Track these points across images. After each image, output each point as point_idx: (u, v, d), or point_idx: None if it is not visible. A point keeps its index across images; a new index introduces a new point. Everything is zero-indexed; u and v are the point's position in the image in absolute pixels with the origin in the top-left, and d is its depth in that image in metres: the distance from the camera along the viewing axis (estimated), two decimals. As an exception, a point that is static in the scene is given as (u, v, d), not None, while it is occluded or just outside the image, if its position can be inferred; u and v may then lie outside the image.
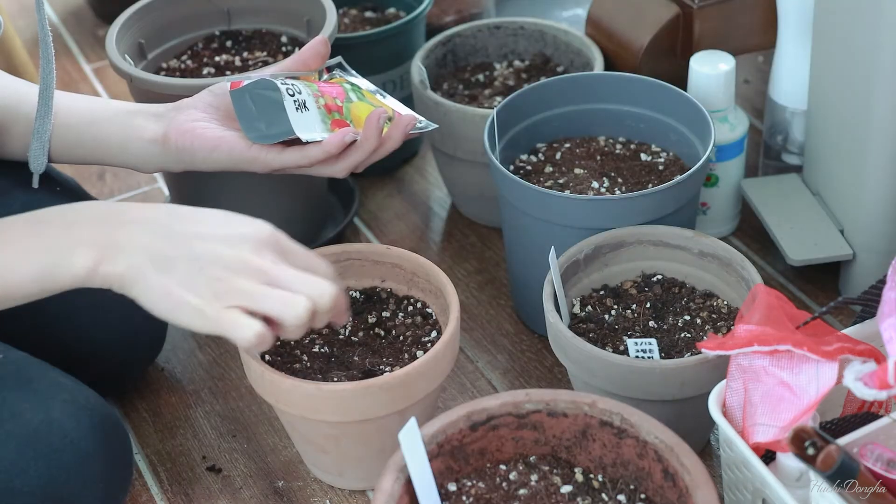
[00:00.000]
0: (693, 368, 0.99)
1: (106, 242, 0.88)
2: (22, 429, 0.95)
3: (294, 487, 1.13)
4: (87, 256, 0.88)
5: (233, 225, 0.91)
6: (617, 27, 1.36)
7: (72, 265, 0.88)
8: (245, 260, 0.88)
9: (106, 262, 0.88)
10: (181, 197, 1.35)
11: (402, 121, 1.08)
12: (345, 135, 1.04)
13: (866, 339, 0.93)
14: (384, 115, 1.06)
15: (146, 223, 0.89)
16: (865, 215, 1.19)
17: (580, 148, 1.27)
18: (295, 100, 1.05)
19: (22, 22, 1.87)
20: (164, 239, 0.88)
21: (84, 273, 0.88)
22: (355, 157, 1.06)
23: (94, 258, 0.88)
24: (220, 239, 0.89)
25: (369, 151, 1.06)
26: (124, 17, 1.31)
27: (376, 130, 1.05)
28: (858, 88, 1.13)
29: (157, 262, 0.87)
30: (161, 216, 0.90)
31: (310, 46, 1.11)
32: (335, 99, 1.09)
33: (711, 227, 1.33)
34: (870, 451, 0.85)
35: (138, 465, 1.16)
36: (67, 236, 0.89)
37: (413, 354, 1.08)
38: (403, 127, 1.07)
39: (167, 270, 0.87)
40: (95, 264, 0.88)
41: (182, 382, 1.24)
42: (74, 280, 0.89)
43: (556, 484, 0.90)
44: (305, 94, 1.07)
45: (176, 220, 0.90)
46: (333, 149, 1.04)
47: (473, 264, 1.36)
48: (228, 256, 0.88)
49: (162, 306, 0.88)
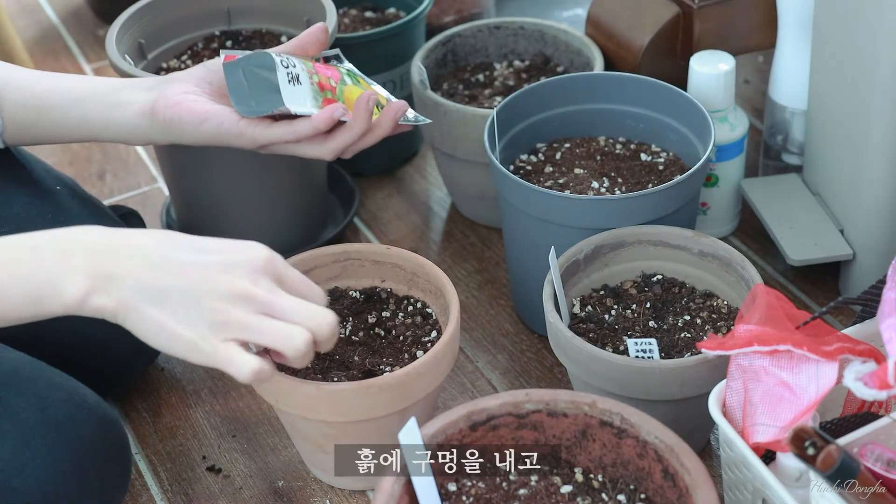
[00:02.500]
0: (693, 368, 0.99)
1: (98, 272, 0.86)
2: (19, 429, 0.95)
3: (294, 487, 1.13)
4: (78, 286, 0.86)
5: (228, 252, 0.88)
6: (617, 27, 1.36)
7: (63, 294, 0.86)
8: (241, 289, 0.86)
9: (97, 294, 0.86)
10: (181, 197, 1.35)
11: (393, 107, 1.07)
12: (334, 111, 1.03)
13: (866, 339, 0.93)
14: (373, 98, 1.05)
15: (140, 252, 0.87)
16: (865, 215, 1.19)
17: (580, 148, 1.27)
18: (288, 72, 1.04)
19: (22, 22, 1.88)
20: (157, 269, 0.86)
21: (74, 303, 0.86)
22: (344, 139, 1.05)
23: (86, 288, 0.86)
24: (216, 267, 0.87)
25: (358, 133, 1.04)
26: (124, 17, 1.31)
27: (366, 112, 1.04)
28: (858, 88, 1.13)
29: (150, 295, 0.85)
30: (155, 245, 0.88)
31: (309, 32, 1.11)
32: (329, 79, 1.08)
33: (711, 227, 1.33)
34: (870, 451, 0.85)
35: (138, 465, 1.16)
36: (59, 264, 0.86)
37: (413, 354, 1.08)
38: (394, 113, 1.06)
39: (161, 303, 0.85)
40: (86, 294, 0.86)
41: (182, 382, 1.24)
42: (65, 309, 0.86)
43: (556, 484, 0.90)
44: (300, 68, 1.06)
45: (171, 248, 0.88)
46: (322, 124, 1.03)
47: (473, 264, 1.36)
48: (224, 286, 0.86)
49: (156, 340, 0.86)
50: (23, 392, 0.98)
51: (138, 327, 0.86)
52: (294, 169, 1.31)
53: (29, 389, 0.98)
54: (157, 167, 1.54)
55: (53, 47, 1.82)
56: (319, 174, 1.36)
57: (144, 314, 0.85)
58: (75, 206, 1.13)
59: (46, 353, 1.07)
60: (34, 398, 0.97)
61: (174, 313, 0.85)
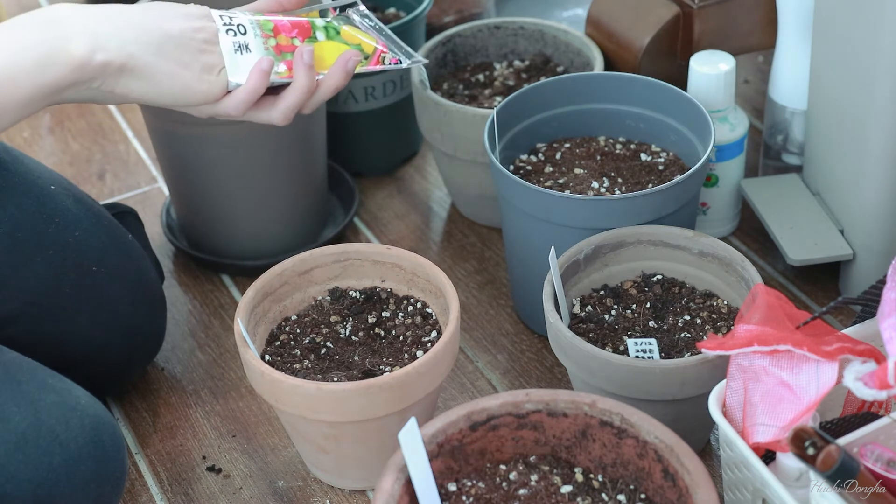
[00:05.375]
0: (693, 368, 0.99)
1: (98, 33, 0.93)
2: (10, 433, 0.94)
3: (294, 487, 1.13)
4: (81, 44, 0.92)
5: (173, 6, 0.99)
6: (617, 27, 1.36)
7: (69, 52, 0.91)
8: (208, 29, 0.98)
9: (101, 51, 0.92)
10: (181, 197, 1.35)
11: (343, 56, 1.02)
12: (261, 64, 0.98)
13: (866, 339, 0.93)
14: (309, 51, 1.00)
15: (122, 16, 0.95)
16: (865, 215, 1.19)
17: (580, 148, 1.27)
18: (234, 41, 0.99)
19: (22, 22, 1.87)
20: (143, 28, 0.95)
21: (80, 60, 0.92)
22: (291, 98, 1.01)
23: (91, 46, 0.92)
24: (180, 17, 0.97)
25: (302, 90, 1.00)
26: (124, 17, 1.30)
27: (302, 66, 1.00)
28: (858, 88, 1.13)
29: (149, 48, 0.95)
30: (127, 10, 0.96)
31: None
32: (293, 39, 1.03)
33: (711, 227, 1.33)
34: (870, 451, 0.85)
35: (138, 465, 1.16)
36: (60, 29, 0.92)
37: (413, 354, 1.08)
38: (343, 63, 1.02)
39: (162, 55, 0.95)
40: (92, 51, 0.92)
41: (182, 382, 1.24)
42: (72, 68, 0.92)
43: (556, 484, 0.90)
44: (251, 34, 1.00)
45: (138, 13, 0.96)
46: (256, 83, 0.99)
47: (473, 264, 1.36)
48: (195, 28, 0.97)
49: (170, 89, 0.96)
50: (15, 395, 0.97)
51: (150, 81, 0.95)
52: (294, 169, 1.31)
53: (21, 392, 0.97)
54: (157, 167, 1.54)
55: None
56: (319, 174, 1.36)
57: (155, 67, 0.95)
58: (71, 206, 1.13)
59: (47, 354, 1.07)
60: (26, 401, 0.97)
61: (178, 61, 0.96)
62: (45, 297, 1.09)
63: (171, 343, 1.28)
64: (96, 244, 1.13)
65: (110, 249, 1.14)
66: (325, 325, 1.12)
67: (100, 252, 1.13)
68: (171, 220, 1.41)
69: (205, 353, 1.27)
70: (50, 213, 1.11)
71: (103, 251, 1.13)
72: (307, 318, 1.13)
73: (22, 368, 1.00)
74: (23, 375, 0.99)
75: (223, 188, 1.30)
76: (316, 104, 1.03)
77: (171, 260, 1.40)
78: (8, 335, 1.08)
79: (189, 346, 1.28)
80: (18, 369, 1.00)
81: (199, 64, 0.97)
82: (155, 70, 0.95)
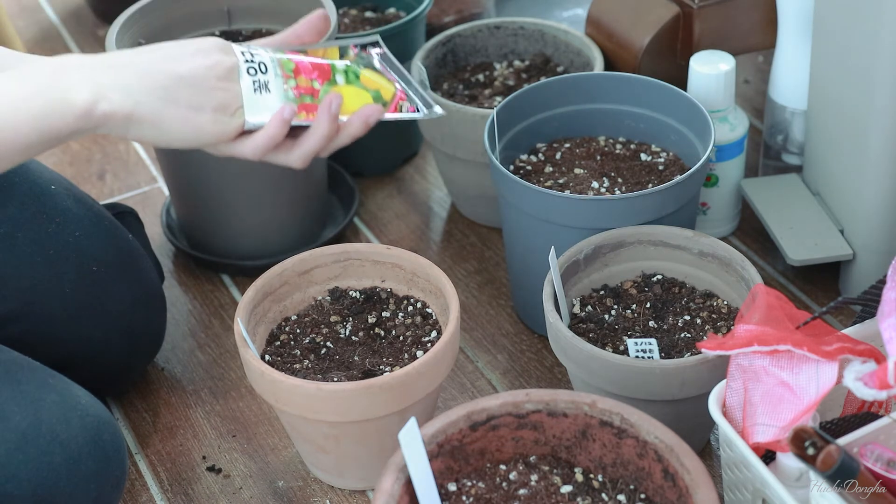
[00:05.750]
0: (693, 368, 0.99)
1: (100, 84, 0.91)
2: (11, 433, 0.95)
3: (294, 487, 1.13)
4: (84, 95, 0.90)
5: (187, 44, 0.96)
6: (617, 27, 1.36)
7: (72, 104, 0.90)
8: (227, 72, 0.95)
9: (103, 102, 0.91)
10: (181, 197, 1.35)
11: (365, 110, 1.01)
12: (283, 113, 0.97)
13: (866, 339, 0.93)
14: (337, 100, 0.99)
15: (128, 64, 0.93)
16: (865, 215, 1.19)
17: (580, 148, 1.27)
18: (255, 80, 0.98)
19: (22, 22, 1.88)
20: (149, 75, 0.92)
21: (82, 111, 0.90)
22: (309, 144, 0.99)
23: (91, 97, 0.90)
24: (192, 54, 0.94)
25: (322, 137, 0.99)
26: (124, 17, 1.31)
27: (327, 115, 0.98)
28: (858, 88, 1.13)
29: (157, 95, 0.92)
30: (135, 59, 0.94)
31: (306, 20, 1.05)
32: (313, 81, 1.01)
33: (711, 227, 1.33)
34: (870, 451, 0.85)
35: (138, 465, 1.16)
36: (59, 81, 0.91)
37: (413, 354, 1.08)
38: (365, 117, 1.01)
39: (171, 100, 0.92)
40: (93, 103, 0.90)
41: (182, 382, 1.24)
42: (75, 119, 0.90)
43: (556, 484, 0.90)
44: (272, 73, 0.99)
45: (146, 58, 0.94)
46: (276, 130, 0.97)
47: (473, 264, 1.36)
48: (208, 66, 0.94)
49: (181, 134, 0.93)
50: (15, 395, 0.97)
51: (160, 127, 0.93)
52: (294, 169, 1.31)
53: (21, 392, 0.97)
54: (157, 167, 1.54)
55: (53, 47, 1.82)
56: (319, 174, 1.36)
57: (164, 113, 0.92)
58: (71, 206, 1.13)
59: (48, 354, 1.07)
60: (27, 401, 0.97)
61: (188, 104, 0.93)
62: (46, 297, 1.10)
63: (171, 343, 1.28)
64: (96, 244, 1.13)
65: (110, 249, 1.14)
66: (325, 325, 1.12)
67: (100, 252, 1.13)
68: (171, 220, 1.41)
69: (205, 353, 1.27)
70: (50, 213, 1.11)
71: (103, 251, 1.13)
72: (307, 318, 1.13)
73: (22, 368, 1.01)
74: (23, 375, 1.00)
75: (223, 188, 1.30)
76: (332, 150, 1.02)
77: (171, 260, 1.40)
78: (8, 335, 1.08)
79: (189, 346, 1.28)
80: (19, 369, 1.00)
81: (213, 104, 0.94)
82: (164, 116, 0.93)
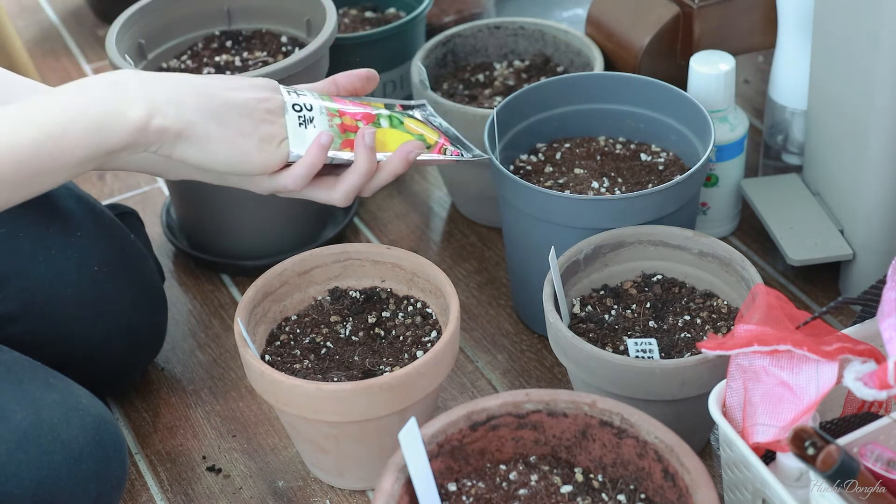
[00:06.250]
0: (693, 368, 0.99)
1: (155, 99, 0.93)
2: (12, 432, 0.95)
3: (294, 487, 1.13)
4: (139, 109, 0.92)
5: (240, 78, 1.00)
6: (617, 27, 1.36)
7: (126, 119, 0.92)
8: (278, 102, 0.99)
9: (158, 117, 0.93)
10: (181, 197, 1.35)
11: (405, 146, 1.03)
12: (321, 139, 0.99)
13: (866, 339, 0.93)
14: (371, 133, 1.00)
15: (186, 83, 0.96)
16: (865, 215, 1.19)
17: (580, 148, 1.27)
18: (300, 115, 1.01)
19: (22, 22, 1.88)
20: (205, 96, 0.96)
21: (137, 125, 0.92)
22: (351, 180, 1.01)
23: (147, 111, 0.92)
24: (246, 88, 0.98)
25: (362, 173, 1.01)
26: (124, 17, 1.31)
27: (364, 149, 1.00)
28: (858, 88, 1.13)
29: (209, 116, 0.95)
30: (194, 78, 0.97)
31: (349, 73, 1.08)
32: (358, 121, 1.04)
33: (711, 227, 1.33)
34: (870, 451, 0.85)
35: (138, 465, 1.16)
36: (117, 94, 0.92)
37: (413, 354, 1.08)
38: (405, 154, 1.03)
39: (222, 123, 0.95)
40: (148, 117, 0.92)
41: (182, 382, 1.24)
42: (129, 133, 0.92)
43: (556, 484, 0.90)
44: (317, 111, 1.02)
45: (202, 81, 0.97)
46: (314, 158, 0.99)
47: (473, 264, 1.36)
48: (259, 99, 0.98)
49: (227, 158, 0.96)
50: (16, 394, 0.97)
51: (206, 148, 0.95)
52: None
53: (22, 391, 0.98)
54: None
55: (53, 47, 1.82)
56: (319, 174, 1.36)
57: (212, 134, 0.95)
58: (72, 206, 1.13)
59: (48, 354, 1.07)
60: (28, 400, 0.97)
61: (238, 129, 0.96)
62: (46, 297, 1.10)
63: (171, 343, 1.28)
64: (97, 244, 1.13)
65: (111, 250, 1.14)
66: (325, 325, 1.12)
67: (101, 252, 1.13)
68: (171, 220, 1.41)
69: (205, 353, 1.27)
70: (51, 213, 1.11)
71: (104, 251, 1.13)
72: (307, 318, 1.13)
73: (23, 368, 1.01)
74: (24, 375, 1.00)
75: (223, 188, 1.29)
76: (375, 188, 1.04)
77: (171, 260, 1.40)
78: (9, 335, 1.08)
79: (189, 346, 1.28)
80: (20, 369, 1.00)
81: (260, 133, 0.97)
82: (213, 137, 0.95)
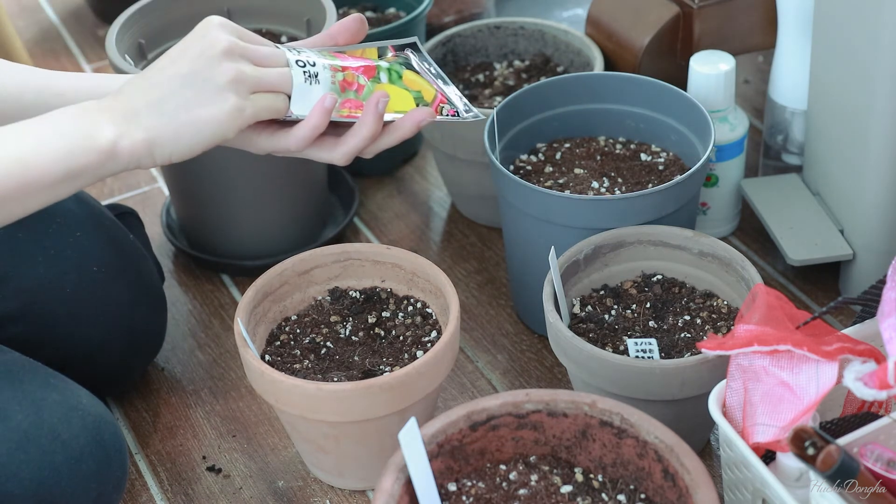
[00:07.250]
0: (693, 368, 0.99)
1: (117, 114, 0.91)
2: (12, 432, 0.95)
3: (294, 487, 1.13)
4: (108, 132, 0.91)
5: (191, 39, 0.94)
6: (617, 27, 1.36)
7: (96, 139, 0.90)
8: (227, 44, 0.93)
9: (125, 137, 0.91)
10: (181, 197, 1.35)
11: (417, 113, 0.99)
12: (324, 101, 0.95)
13: (866, 339, 0.93)
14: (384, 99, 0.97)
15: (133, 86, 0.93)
16: (865, 215, 1.19)
17: (580, 148, 1.27)
18: (305, 71, 0.97)
19: (22, 22, 1.88)
20: (150, 89, 0.92)
21: (108, 146, 0.90)
22: (354, 142, 0.97)
23: (115, 133, 0.91)
24: (195, 54, 0.93)
25: (366, 137, 0.97)
26: (124, 17, 1.31)
27: (373, 114, 0.97)
28: (858, 88, 1.13)
29: (164, 107, 0.91)
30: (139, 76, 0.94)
31: (341, 22, 1.04)
32: (358, 76, 1.00)
33: (711, 227, 1.33)
34: (870, 451, 0.85)
35: (138, 465, 1.16)
36: (83, 119, 0.91)
37: (413, 354, 1.08)
38: (417, 120, 0.99)
39: (182, 107, 0.91)
40: (117, 139, 0.91)
41: (182, 382, 1.24)
42: (99, 155, 0.91)
43: (556, 484, 0.90)
44: (320, 66, 0.98)
45: (147, 73, 0.94)
46: (318, 120, 0.95)
47: (473, 264, 1.36)
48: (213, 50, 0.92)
49: (204, 135, 0.92)
50: (17, 394, 0.97)
51: (180, 141, 0.92)
52: (294, 169, 1.31)
53: (23, 391, 0.98)
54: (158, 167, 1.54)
55: (53, 47, 1.82)
56: (319, 174, 1.36)
57: (177, 122, 0.92)
58: (72, 206, 1.13)
59: (48, 355, 1.07)
60: (28, 400, 0.97)
61: (199, 102, 0.91)
62: (46, 297, 1.10)
63: (171, 343, 1.28)
64: (97, 244, 1.13)
65: (111, 250, 1.14)
66: (325, 325, 1.12)
67: (101, 252, 1.13)
68: (171, 220, 1.41)
69: (205, 353, 1.27)
70: (51, 213, 1.11)
71: (104, 251, 1.13)
72: (307, 318, 1.13)
73: (24, 368, 1.01)
74: (24, 375, 1.00)
75: (223, 188, 1.30)
76: (377, 150, 1.00)
77: (171, 260, 1.40)
78: (9, 335, 1.08)
79: (189, 346, 1.28)
80: (20, 369, 1.00)
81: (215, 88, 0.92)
82: (177, 126, 0.92)
